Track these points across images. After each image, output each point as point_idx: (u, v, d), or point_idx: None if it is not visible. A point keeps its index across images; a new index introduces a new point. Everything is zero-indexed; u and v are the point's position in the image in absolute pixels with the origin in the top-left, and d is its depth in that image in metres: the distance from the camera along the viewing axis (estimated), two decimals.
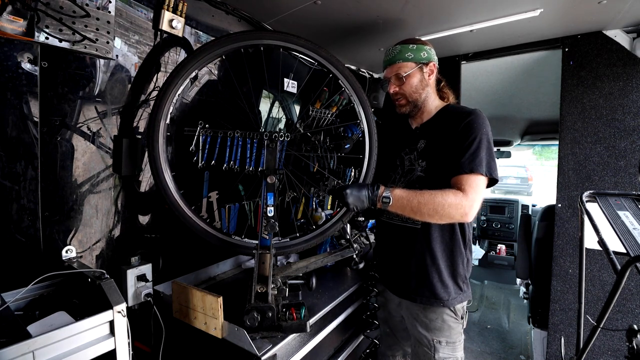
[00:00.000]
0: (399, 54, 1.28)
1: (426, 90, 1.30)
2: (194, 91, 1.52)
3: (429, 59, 1.28)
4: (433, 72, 1.30)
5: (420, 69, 1.28)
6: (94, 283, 0.88)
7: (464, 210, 1.07)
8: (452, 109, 1.29)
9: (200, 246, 1.41)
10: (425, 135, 1.29)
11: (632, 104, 1.67)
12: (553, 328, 1.87)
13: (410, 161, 1.30)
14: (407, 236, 1.27)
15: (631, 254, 0.78)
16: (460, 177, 1.11)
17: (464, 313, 1.26)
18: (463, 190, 1.08)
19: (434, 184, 1.19)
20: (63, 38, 1.03)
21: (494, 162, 1.13)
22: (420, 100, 1.30)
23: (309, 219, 1.96)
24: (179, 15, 1.33)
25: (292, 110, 2.20)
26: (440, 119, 1.29)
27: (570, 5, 1.48)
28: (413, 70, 1.27)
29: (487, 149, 1.13)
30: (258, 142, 1.34)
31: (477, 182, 1.10)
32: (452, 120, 1.21)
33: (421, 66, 1.28)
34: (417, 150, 1.28)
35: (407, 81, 1.27)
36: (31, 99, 1.01)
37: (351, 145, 2.14)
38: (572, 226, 1.81)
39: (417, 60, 1.27)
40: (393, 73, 1.29)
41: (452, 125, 1.20)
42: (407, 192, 1.10)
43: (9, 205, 0.99)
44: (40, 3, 0.97)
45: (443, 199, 1.06)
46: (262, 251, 1.12)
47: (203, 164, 1.38)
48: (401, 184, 1.30)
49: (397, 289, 1.33)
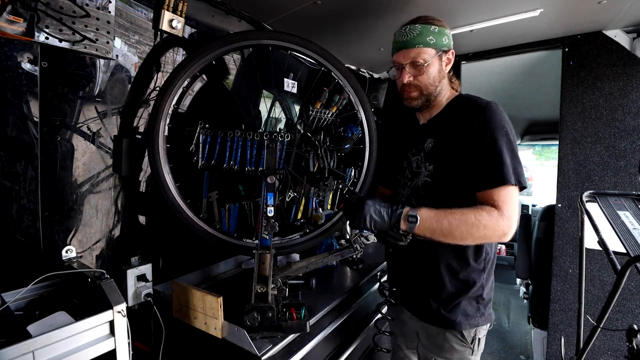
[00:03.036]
0: (419, 37, 1.05)
1: (442, 82, 1.12)
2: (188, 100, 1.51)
3: (450, 46, 1.10)
4: (451, 61, 1.12)
5: (439, 57, 1.08)
6: (94, 283, 0.88)
7: (501, 230, 0.93)
8: (464, 100, 1.11)
9: (200, 246, 1.41)
10: (434, 132, 1.13)
11: (632, 104, 1.67)
12: (553, 328, 1.87)
13: (417, 163, 1.15)
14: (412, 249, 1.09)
15: (631, 254, 0.78)
16: (489, 193, 0.96)
17: (475, 337, 1.08)
18: (497, 207, 0.94)
19: (440, 191, 1.06)
20: (63, 38, 1.03)
21: (519, 165, 0.97)
22: (435, 93, 1.11)
23: (309, 219, 1.96)
24: (179, 15, 1.33)
25: (292, 110, 2.20)
26: (451, 112, 1.12)
27: (570, 5, 1.48)
28: (433, 59, 1.07)
29: (511, 151, 0.97)
30: (258, 142, 1.34)
31: (510, 195, 0.95)
32: (463, 116, 1.05)
33: (441, 54, 1.09)
34: (424, 151, 1.13)
35: (426, 71, 1.07)
36: (31, 99, 1.01)
37: (351, 145, 2.14)
38: (572, 226, 1.81)
39: (438, 46, 1.06)
40: (409, 59, 1.07)
41: (465, 122, 1.03)
42: (434, 212, 0.95)
43: (9, 205, 0.99)
44: (40, 3, 0.96)
45: (477, 220, 0.92)
46: (262, 251, 1.12)
47: (203, 163, 1.38)
48: (408, 190, 1.16)
49: (402, 299, 1.23)
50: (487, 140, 0.97)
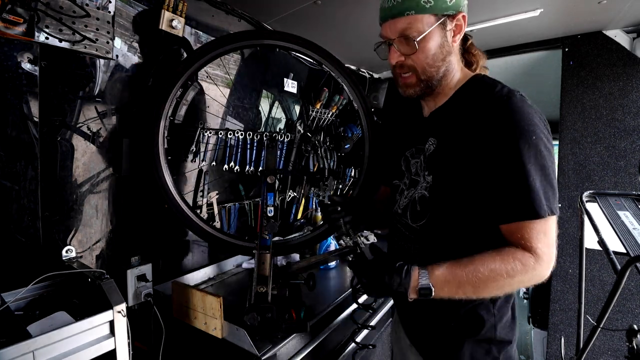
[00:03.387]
0: (407, 0, 0.77)
1: (448, 60, 0.82)
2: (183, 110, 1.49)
3: (458, 7, 0.79)
4: (462, 28, 0.81)
5: (442, 26, 0.79)
6: (94, 283, 0.88)
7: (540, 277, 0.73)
8: (478, 86, 0.83)
9: (200, 246, 1.41)
10: (437, 129, 0.87)
11: (632, 104, 1.67)
12: (553, 328, 1.87)
13: (416, 168, 0.90)
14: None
15: (631, 254, 0.78)
16: (517, 228, 0.72)
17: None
18: (530, 249, 0.71)
19: (438, 213, 0.83)
20: (63, 38, 1.03)
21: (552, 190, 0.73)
22: (437, 76, 0.83)
23: (309, 218, 1.96)
24: (179, 15, 1.33)
25: (292, 110, 2.20)
26: (460, 102, 0.84)
27: (570, 5, 1.48)
28: (432, 29, 0.77)
29: (541, 168, 0.71)
30: (258, 142, 1.34)
31: (546, 229, 0.72)
32: (475, 110, 0.79)
33: (445, 20, 0.78)
34: (424, 154, 0.88)
35: (422, 47, 0.79)
36: (31, 99, 1.01)
37: (351, 145, 2.14)
38: (572, 226, 1.81)
39: (439, 9, 0.77)
40: (397, 33, 0.79)
41: (475, 119, 0.77)
42: (451, 270, 0.73)
43: (9, 205, 0.99)
44: (40, 3, 0.96)
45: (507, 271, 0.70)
46: (262, 251, 1.12)
47: (204, 163, 1.38)
48: (405, 200, 0.92)
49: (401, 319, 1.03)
50: (507, 153, 0.72)
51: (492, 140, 0.74)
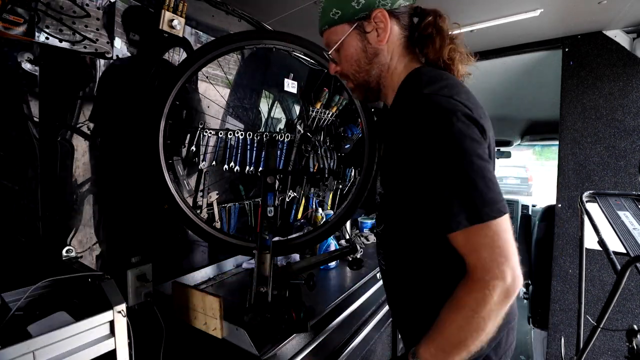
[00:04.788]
0: (323, 16, 0.80)
1: (378, 60, 0.80)
2: None
3: (370, 7, 0.75)
4: (387, 25, 0.76)
5: (358, 30, 0.78)
6: (94, 283, 0.88)
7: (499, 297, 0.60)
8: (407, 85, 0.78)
9: (200, 246, 1.41)
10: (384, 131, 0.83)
11: (632, 104, 1.67)
12: (553, 328, 1.87)
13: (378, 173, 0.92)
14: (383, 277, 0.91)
15: (631, 254, 0.78)
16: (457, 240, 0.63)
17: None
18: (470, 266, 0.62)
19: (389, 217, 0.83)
20: (63, 38, 1.03)
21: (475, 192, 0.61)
22: (370, 78, 0.82)
23: (309, 219, 1.96)
24: (179, 15, 1.33)
25: (292, 110, 2.20)
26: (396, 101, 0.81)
27: (570, 5, 1.48)
28: (347, 37, 0.78)
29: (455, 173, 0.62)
30: (258, 142, 1.34)
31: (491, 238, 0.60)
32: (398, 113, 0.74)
33: (360, 24, 0.77)
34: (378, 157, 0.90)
35: (342, 55, 0.82)
36: (31, 99, 1.01)
37: (351, 145, 2.14)
38: (572, 226, 1.81)
39: (347, 16, 0.77)
40: (327, 47, 0.85)
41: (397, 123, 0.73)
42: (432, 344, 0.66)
43: (9, 205, 0.99)
44: (40, 3, 0.97)
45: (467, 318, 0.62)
46: (262, 251, 1.12)
47: (203, 164, 1.38)
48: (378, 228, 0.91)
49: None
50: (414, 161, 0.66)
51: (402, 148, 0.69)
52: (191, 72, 1.24)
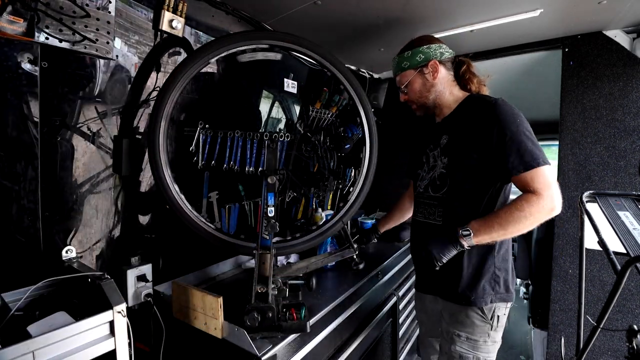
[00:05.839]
0: (396, 67, 1.31)
1: (434, 90, 1.27)
2: None
3: (427, 59, 1.25)
4: (437, 69, 1.25)
5: (420, 73, 1.27)
6: (94, 283, 0.88)
7: (546, 210, 1.01)
8: (473, 100, 1.24)
9: (200, 246, 1.41)
10: (448, 129, 1.26)
11: (632, 104, 1.67)
12: (553, 328, 1.87)
13: (434, 157, 1.29)
14: (430, 233, 1.26)
15: (631, 254, 0.78)
16: (521, 179, 1.05)
17: (494, 314, 1.19)
18: (533, 190, 1.03)
19: (453, 180, 1.19)
20: (63, 38, 1.03)
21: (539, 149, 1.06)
22: (429, 101, 1.29)
23: (309, 219, 1.96)
24: (179, 15, 1.33)
25: (292, 110, 2.20)
26: (462, 111, 1.25)
27: (570, 5, 1.48)
28: (413, 77, 1.28)
29: (529, 137, 1.07)
30: (258, 142, 1.34)
31: (543, 175, 1.03)
32: (475, 112, 1.18)
33: (421, 69, 1.26)
34: (440, 146, 1.27)
35: (409, 89, 1.30)
36: (31, 99, 1.01)
37: (351, 145, 2.14)
38: (572, 226, 1.81)
39: (413, 66, 1.27)
40: (399, 84, 1.33)
41: (476, 118, 1.16)
42: (482, 220, 1.08)
43: (9, 205, 0.99)
44: (40, 3, 0.96)
45: (520, 212, 1.02)
46: (262, 251, 1.12)
47: (203, 164, 1.38)
48: (425, 181, 1.30)
49: (423, 286, 1.38)
50: (505, 134, 1.07)
51: (491, 126, 1.10)
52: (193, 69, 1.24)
